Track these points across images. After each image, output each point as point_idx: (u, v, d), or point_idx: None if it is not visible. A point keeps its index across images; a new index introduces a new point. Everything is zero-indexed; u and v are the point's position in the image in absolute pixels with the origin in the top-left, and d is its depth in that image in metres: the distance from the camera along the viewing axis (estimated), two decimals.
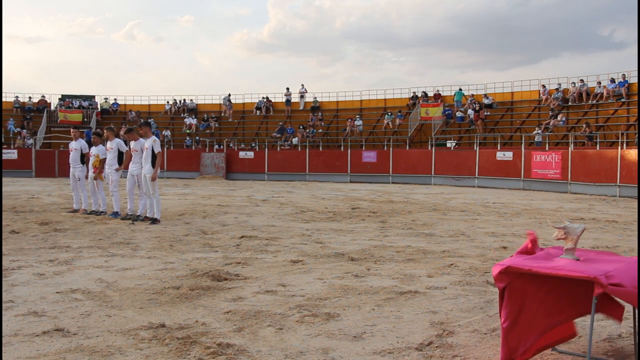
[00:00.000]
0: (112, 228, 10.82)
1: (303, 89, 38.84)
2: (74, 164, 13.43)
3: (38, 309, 5.20)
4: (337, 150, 32.15)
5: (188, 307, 5.30)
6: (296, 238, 9.76)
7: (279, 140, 34.93)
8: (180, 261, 7.58)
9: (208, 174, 32.59)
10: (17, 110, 39.45)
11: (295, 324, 4.81)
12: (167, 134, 36.67)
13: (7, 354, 4.07)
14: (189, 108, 40.11)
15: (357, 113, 36.00)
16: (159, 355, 4.07)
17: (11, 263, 7.33)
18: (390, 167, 29.59)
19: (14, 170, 32.96)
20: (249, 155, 33.12)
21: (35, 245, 8.81)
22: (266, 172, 32.28)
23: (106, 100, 41.26)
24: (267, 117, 38.52)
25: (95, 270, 7.00)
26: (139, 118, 36.78)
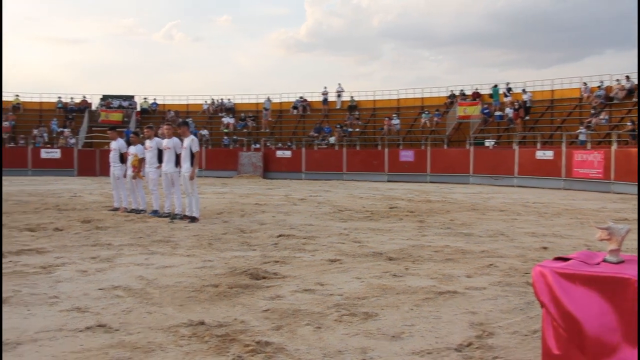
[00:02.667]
0: (152, 226, 10.96)
1: (340, 88, 38.82)
2: (113, 163, 13.64)
3: (81, 305, 5.30)
4: (374, 150, 32.06)
5: (227, 305, 5.34)
6: (334, 237, 9.75)
7: (316, 139, 34.97)
8: (219, 259, 7.64)
9: (246, 173, 32.79)
10: (60, 111, 40.22)
11: (334, 323, 4.80)
12: (205, 133, 36.98)
13: (53, 348, 4.15)
14: (227, 107, 40.40)
15: (395, 112, 35.85)
16: (199, 352, 4.11)
17: (55, 260, 7.48)
18: (427, 166, 29.40)
19: (57, 169, 33.63)
20: (286, 155, 33.23)
21: (78, 242, 8.98)
22: (303, 171, 32.35)
23: (145, 100, 41.82)
24: (304, 116, 38.60)
25: (135, 267, 7.09)
26: (177, 117, 37.18)
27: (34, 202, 16.04)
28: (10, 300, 5.41)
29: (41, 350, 4.12)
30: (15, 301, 5.40)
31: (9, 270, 6.77)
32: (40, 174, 32.65)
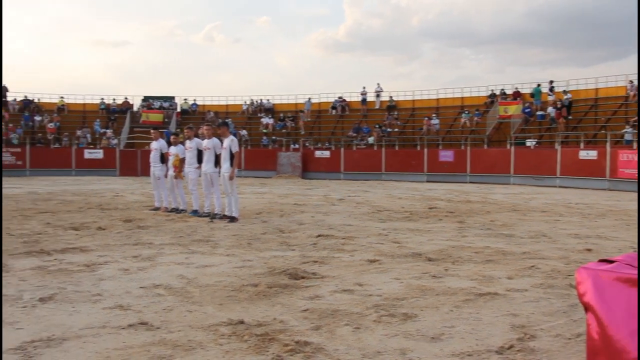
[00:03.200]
0: (192, 226, 11.08)
1: (379, 88, 38.71)
2: (154, 163, 13.82)
3: (124, 302, 5.38)
4: (413, 150, 31.89)
5: (266, 305, 5.37)
6: (373, 237, 9.73)
7: (354, 139, 34.93)
8: (258, 259, 7.69)
9: (284, 173, 32.92)
10: (103, 112, 40.95)
11: (373, 324, 4.79)
12: (244, 133, 37.24)
13: (97, 345, 4.23)
14: (266, 108, 40.62)
15: (434, 112, 35.60)
16: (238, 351, 4.13)
17: (99, 258, 7.62)
18: (467, 166, 29.12)
19: (100, 169, 34.26)
20: (325, 155, 33.26)
21: (120, 241, 9.12)
22: (342, 171, 32.33)
23: (186, 101, 42.31)
24: (343, 117, 38.58)
25: (176, 266, 7.18)
26: (217, 118, 37.52)
27: (77, 201, 16.36)
28: (56, 297, 5.53)
29: (85, 346, 4.20)
30: (60, 298, 5.51)
31: (54, 268, 6.92)
32: (84, 174, 33.30)
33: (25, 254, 7.83)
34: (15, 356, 3.99)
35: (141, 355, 4.03)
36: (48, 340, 4.31)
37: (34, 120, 38.64)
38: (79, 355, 4.02)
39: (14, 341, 4.27)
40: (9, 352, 4.07)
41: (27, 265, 7.08)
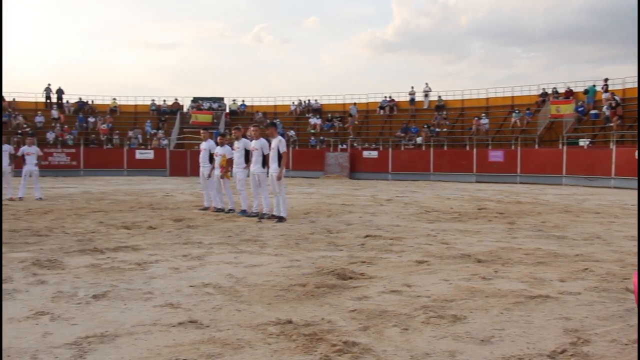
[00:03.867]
0: (241, 225, 11.18)
1: (427, 88, 38.45)
2: (203, 164, 13.99)
3: (174, 301, 5.46)
4: (462, 150, 31.56)
5: (314, 305, 5.37)
6: (421, 238, 9.66)
7: (402, 139, 34.75)
8: (306, 259, 7.71)
9: (332, 173, 32.96)
10: (153, 113, 41.70)
11: (421, 325, 4.75)
12: (292, 134, 37.41)
13: (148, 342, 4.30)
14: (314, 108, 40.76)
15: (483, 111, 35.18)
16: (287, 351, 4.15)
17: (149, 257, 7.75)
18: (518, 166, 28.68)
19: (150, 169, 34.90)
20: (373, 155, 33.19)
21: (170, 240, 9.27)
22: (390, 171, 32.22)
23: (234, 102, 42.76)
24: (391, 117, 38.43)
25: (225, 265, 7.25)
26: (265, 118, 37.80)
27: (129, 201, 16.69)
28: (109, 295, 5.65)
29: (137, 343, 4.27)
30: (113, 295, 5.63)
31: (107, 266, 7.07)
32: (135, 174, 33.99)
33: (79, 252, 8.02)
34: (71, 351, 4.09)
35: (191, 352, 4.08)
36: (101, 336, 4.41)
37: (88, 121, 39.59)
38: (131, 352, 4.09)
39: (70, 336, 4.38)
40: (65, 347, 4.17)
41: (82, 263, 7.25)
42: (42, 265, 7.08)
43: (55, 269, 6.88)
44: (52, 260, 7.37)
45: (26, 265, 7.04)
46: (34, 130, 35.96)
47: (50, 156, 33.59)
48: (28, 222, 11.49)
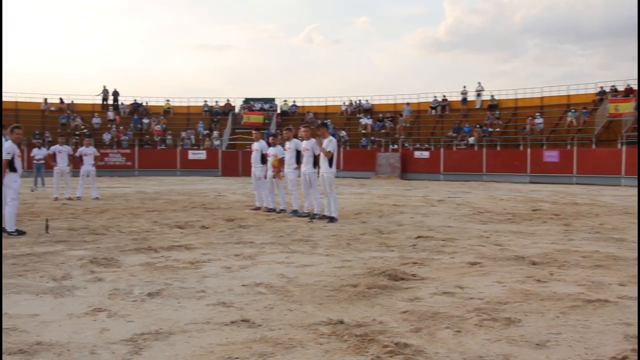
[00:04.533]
0: (292, 225, 11.23)
1: (480, 87, 37.94)
2: (255, 164, 14.10)
3: (226, 300, 5.52)
4: (515, 150, 31.05)
5: (365, 305, 5.36)
6: (473, 239, 9.53)
7: (454, 139, 34.38)
8: (357, 259, 7.69)
9: (383, 174, 32.84)
10: (206, 114, 42.27)
11: (474, 328, 4.68)
12: (343, 134, 37.41)
13: (201, 340, 4.35)
14: (365, 108, 40.68)
15: (538, 110, 34.49)
16: (338, 351, 4.14)
17: (202, 256, 7.85)
18: (574, 167, 28.05)
19: (203, 169, 35.41)
20: (424, 155, 32.95)
21: (222, 240, 9.37)
22: (441, 172, 31.93)
23: (285, 102, 43.01)
24: (443, 117, 38.07)
25: (277, 265, 7.29)
26: (316, 119, 37.89)
27: (182, 200, 16.95)
28: (163, 293, 5.74)
29: (190, 341, 4.33)
30: (167, 294, 5.72)
31: (161, 265, 7.19)
32: (188, 174, 34.52)
33: (134, 251, 8.18)
34: (127, 347, 4.18)
35: (243, 351, 4.11)
36: (156, 333, 4.48)
37: (142, 122, 40.39)
38: (185, 349, 4.15)
39: (126, 333, 4.47)
40: (122, 343, 4.26)
41: (137, 262, 7.40)
42: (99, 263, 7.25)
43: (111, 267, 7.04)
44: (109, 258, 7.55)
45: (84, 263, 7.22)
46: (91, 132, 36.87)
47: (107, 157, 34.42)
48: (86, 220, 11.79)
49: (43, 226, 10.21)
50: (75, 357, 3.99)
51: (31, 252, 8.06)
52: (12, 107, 39.30)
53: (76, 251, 8.15)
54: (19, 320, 4.81)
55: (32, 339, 4.33)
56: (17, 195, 9.85)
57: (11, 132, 9.92)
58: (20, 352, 4.05)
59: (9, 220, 9.65)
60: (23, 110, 39.68)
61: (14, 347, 4.12)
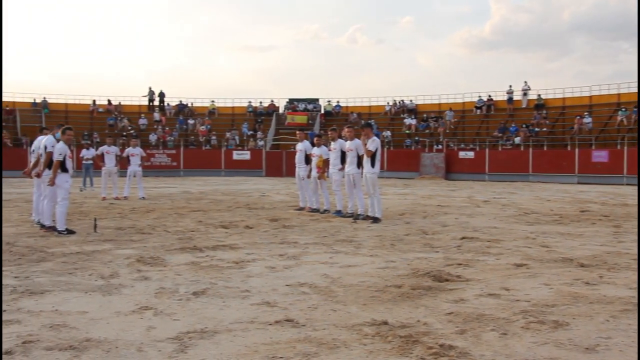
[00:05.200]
0: (336, 226, 11.22)
1: (526, 86, 37.37)
2: (299, 164, 14.12)
3: (270, 299, 5.55)
4: (563, 150, 30.49)
5: (410, 306, 5.32)
6: (520, 241, 9.39)
7: (500, 139, 33.93)
8: (401, 260, 7.65)
9: (427, 174, 32.62)
10: (250, 115, 42.59)
11: (521, 330, 4.61)
12: (387, 134, 37.27)
13: (245, 339, 4.38)
14: (409, 108, 40.46)
15: (586, 110, 33.77)
16: (382, 352, 4.12)
17: (247, 256, 7.91)
18: (624, 167, 27.41)
19: (247, 169, 35.68)
20: (469, 155, 32.61)
21: (266, 240, 9.42)
22: (487, 172, 31.55)
23: (329, 103, 43.03)
24: (488, 116, 37.62)
25: (320, 265, 7.30)
26: (360, 119, 37.83)
27: (227, 200, 17.11)
28: (208, 292, 5.80)
29: (235, 340, 4.37)
30: (212, 293, 5.78)
31: (206, 264, 7.27)
32: (232, 175, 34.84)
33: (180, 250, 8.29)
34: (173, 345, 4.23)
35: (287, 351, 4.13)
36: (201, 332, 4.53)
37: (188, 123, 40.91)
38: (229, 348, 4.18)
39: (172, 331, 4.53)
40: (168, 341, 4.32)
41: (182, 261, 7.49)
42: (146, 262, 7.37)
43: (157, 266, 7.14)
44: (155, 257, 7.66)
45: (131, 262, 7.35)
46: (138, 132, 37.50)
47: (153, 157, 34.96)
48: (132, 220, 11.99)
49: (92, 225, 10.43)
50: (123, 354, 4.06)
51: (80, 250, 8.23)
52: (62, 109, 40.35)
53: (123, 250, 8.30)
54: (69, 317, 4.92)
55: (81, 335, 4.43)
56: (67, 195, 10.08)
57: (63, 133, 10.17)
58: (70, 348, 4.14)
59: (59, 219, 9.88)
60: (72, 111, 40.64)
61: (64, 343, 4.22)
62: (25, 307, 5.21)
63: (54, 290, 5.82)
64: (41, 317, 4.89)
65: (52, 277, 6.48)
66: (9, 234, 9.85)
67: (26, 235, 9.67)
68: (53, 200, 9.97)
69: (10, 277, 6.45)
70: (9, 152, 33.23)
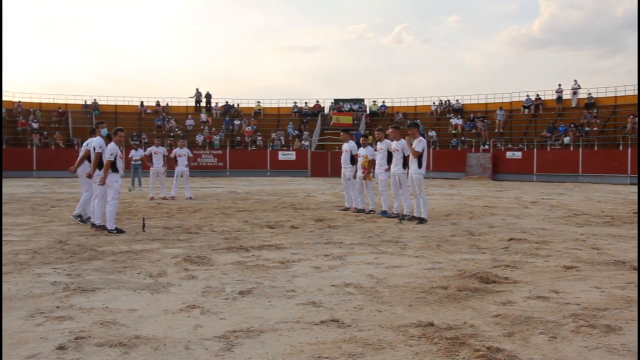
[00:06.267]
0: (381, 226, 11.18)
1: (576, 85, 36.62)
2: (344, 165, 14.11)
3: (316, 299, 5.55)
4: (614, 150, 29.79)
5: (456, 308, 5.26)
6: (569, 242, 9.20)
7: (549, 139, 33.32)
8: (447, 261, 7.58)
9: (474, 175, 32.26)
10: (295, 115, 42.76)
11: (571, 334, 4.51)
12: (433, 134, 36.98)
13: (291, 339, 4.40)
14: (455, 108, 40.07)
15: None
16: (428, 354, 4.09)
17: (292, 256, 7.94)
18: None
19: (293, 170, 35.84)
20: (517, 156, 32.13)
21: (312, 240, 9.44)
22: (535, 172, 31.04)
23: (374, 103, 42.90)
24: (536, 116, 37.00)
25: (366, 266, 7.28)
26: (405, 119, 37.63)
27: (272, 201, 17.20)
28: (254, 291, 5.84)
29: (281, 339, 4.38)
30: (258, 292, 5.82)
31: (252, 264, 7.32)
32: (278, 175, 35.04)
33: (226, 250, 8.36)
34: (220, 344, 4.27)
35: (333, 351, 4.13)
36: (247, 331, 4.56)
37: (234, 124, 41.30)
38: (275, 347, 4.20)
39: (218, 330, 4.58)
40: (215, 340, 4.36)
41: (228, 260, 7.56)
42: (193, 261, 7.46)
43: (204, 265, 7.22)
44: (202, 256, 7.75)
45: (178, 261, 7.45)
46: (185, 133, 38.02)
47: (199, 157, 35.40)
48: (180, 220, 12.15)
49: (140, 225, 10.61)
50: (171, 351, 4.11)
51: (129, 249, 8.38)
52: (111, 111, 41.19)
53: (171, 249, 8.42)
54: (119, 314, 5.01)
55: (130, 332, 4.51)
56: (117, 195, 10.28)
57: (114, 134, 10.40)
58: (120, 344, 4.21)
59: (109, 218, 10.09)
60: (121, 113, 41.45)
61: (114, 340, 4.30)
62: (77, 304, 5.34)
63: (104, 288, 5.95)
64: (92, 314, 5.00)
65: (102, 275, 6.61)
66: (61, 232, 10.10)
67: (77, 234, 9.89)
68: (103, 199, 10.19)
69: (63, 274, 6.61)
70: (61, 152, 34.14)
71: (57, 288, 5.93)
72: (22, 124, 37.31)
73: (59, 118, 39.19)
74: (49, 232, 10.16)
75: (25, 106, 39.25)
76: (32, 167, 33.07)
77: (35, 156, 33.51)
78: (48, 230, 10.40)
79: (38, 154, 33.67)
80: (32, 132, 36.18)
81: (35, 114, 38.56)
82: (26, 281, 6.26)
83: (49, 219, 12.18)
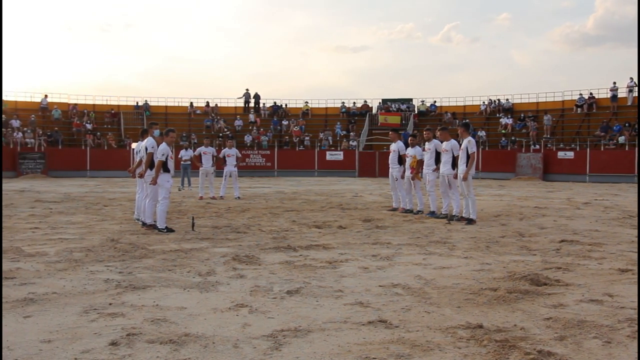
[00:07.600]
0: (429, 227, 11.09)
1: (632, 83, 35.61)
2: (392, 165, 14.04)
3: (363, 300, 5.54)
4: None
5: (506, 310, 5.19)
6: (624, 245, 8.96)
7: (602, 139, 32.53)
8: (496, 263, 7.47)
9: (524, 175, 31.72)
10: (343, 115, 42.73)
11: (626, 339, 4.40)
12: (482, 134, 36.50)
13: (339, 339, 4.40)
14: (505, 108, 39.47)
15: None
16: (477, 356, 4.04)
17: (340, 256, 7.94)
18: None
19: (340, 170, 35.84)
20: (569, 156, 31.45)
21: (359, 240, 9.43)
22: (587, 173, 30.34)
23: (423, 103, 42.57)
24: (590, 115, 36.15)
25: (414, 267, 7.23)
26: (454, 119, 37.24)
27: (320, 201, 17.24)
28: (302, 291, 5.86)
29: (328, 339, 4.39)
30: (305, 292, 5.84)
31: (299, 264, 7.35)
32: (325, 175, 35.08)
33: (274, 249, 8.42)
34: (268, 342, 4.30)
35: (380, 351, 4.11)
36: (295, 330, 4.59)
37: (282, 124, 41.52)
38: (323, 347, 4.21)
39: (266, 329, 4.61)
40: (263, 339, 4.40)
41: (276, 260, 7.61)
42: (241, 260, 7.53)
43: (252, 264, 7.29)
44: (250, 256, 7.81)
45: (227, 260, 7.53)
46: (234, 134, 38.39)
47: (248, 158, 35.71)
48: (228, 219, 12.28)
49: (190, 224, 10.76)
50: (220, 349, 4.16)
51: (179, 248, 8.51)
52: (162, 111, 41.88)
53: (220, 248, 8.52)
54: (169, 312, 5.09)
55: (180, 330, 4.58)
56: (168, 195, 10.45)
57: (166, 135, 10.59)
58: (170, 342, 4.28)
59: (160, 218, 10.26)
60: (171, 113, 42.09)
61: (164, 337, 4.37)
62: (128, 301, 5.44)
63: (155, 286, 6.05)
64: (143, 311, 5.09)
65: (152, 273, 6.73)
66: (114, 231, 10.32)
67: (129, 233, 10.09)
68: (154, 199, 10.38)
69: (115, 272, 6.76)
70: (113, 153, 34.93)
71: (109, 285, 6.06)
72: (77, 125, 38.25)
73: (111, 119, 40.04)
74: (101, 230, 10.40)
75: (80, 108, 40.22)
76: (85, 167, 33.89)
77: (89, 156, 34.31)
78: (101, 228, 10.64)
79: (92, 154, 34.48)
80: (86, 133, 37.06)
81: (89, 115, 39.47)
82: (80, 278, 6.42)
83: (102, 217, 12.46)
